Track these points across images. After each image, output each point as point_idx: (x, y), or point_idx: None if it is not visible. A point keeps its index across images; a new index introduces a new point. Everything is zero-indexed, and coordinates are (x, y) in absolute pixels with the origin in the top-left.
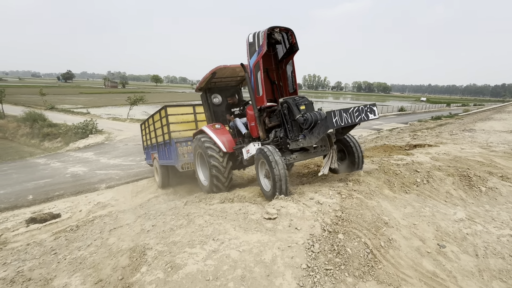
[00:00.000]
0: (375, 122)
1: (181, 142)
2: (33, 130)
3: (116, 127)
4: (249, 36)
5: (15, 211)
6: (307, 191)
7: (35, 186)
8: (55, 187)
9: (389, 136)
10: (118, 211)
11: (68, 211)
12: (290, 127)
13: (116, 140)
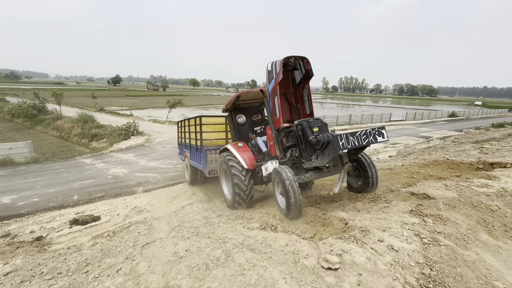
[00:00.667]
0: (422, 129)
1: (210, 150)
2: (83, 131)
3: (155, 129)
4: (268, 65)
5: (61, 210)
6: (370, 226)
7: (81, 186)
8: (97, 188)
9: (446, 147)
10: (153, 217)
11: (107, 214)
12: (304, 148)
13: (155, 142)
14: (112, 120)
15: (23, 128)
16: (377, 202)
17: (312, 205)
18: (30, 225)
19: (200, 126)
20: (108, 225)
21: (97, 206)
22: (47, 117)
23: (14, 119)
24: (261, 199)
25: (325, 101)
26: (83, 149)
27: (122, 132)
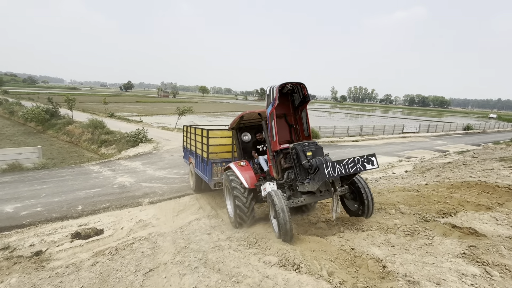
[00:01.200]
0: (437, 142)
1: (216, 163)
2: (93, 136)
3: (164, 137)
4: (267, 89)
5: (64, 222)
6: (417, 275)
7: (86, 195)
8: (102, 198)
9: (469, 165)
10: (158, 233)
11: (110, 227)
12: (299, 171)
13: (163, 150)
14: (122, 126)
15: (35, 132)
16: (414, 236)
17: (335, 233)
18: (31, 237)
19: (207, 139)
20: (111, 240)
21: (101, 218)
22: (59, 122)
23: (27, 123)
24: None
25: (333, 110)
26: (92, 155)
27: (131, 139)
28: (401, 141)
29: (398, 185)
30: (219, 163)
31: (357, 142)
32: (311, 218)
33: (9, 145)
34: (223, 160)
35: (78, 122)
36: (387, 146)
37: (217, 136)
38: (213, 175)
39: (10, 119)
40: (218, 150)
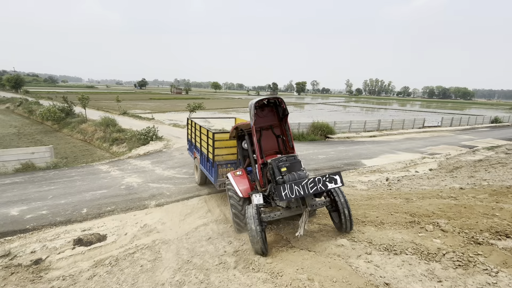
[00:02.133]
0: (462, 136)
1: (222, 164)
2: (105, 134)
3: (175, 134)
4: (250, 104)
5: (68, 226)
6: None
7: (92, 197)
8: (108, 201)
9: (507, 164)
10: (162, 241)
11: (114, 233)
12: (275, 186)
13: (173, 148)
14: (134, 124)
15: (52, 131)
16: (468, 269)
17: (361, 255)
18: (33, 243)
19: (213, 142)
20: (113, 247)
21: (105, 222)
22: (73, 120)
23: (44, 121)
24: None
25: (348, 104)
26: (103, 153)
27: (142, 137)
28: (422, 136)
29: (426, 188)
30: (224, 165)
31: (375, 138)
32: (329, 229)
33: (27, 143)
34: (228, 162)
35: (91, 120)
36: (408, 141)
37: (223, 139)
38: (219, 176)
39: (29, 118)
40: (224, 152)
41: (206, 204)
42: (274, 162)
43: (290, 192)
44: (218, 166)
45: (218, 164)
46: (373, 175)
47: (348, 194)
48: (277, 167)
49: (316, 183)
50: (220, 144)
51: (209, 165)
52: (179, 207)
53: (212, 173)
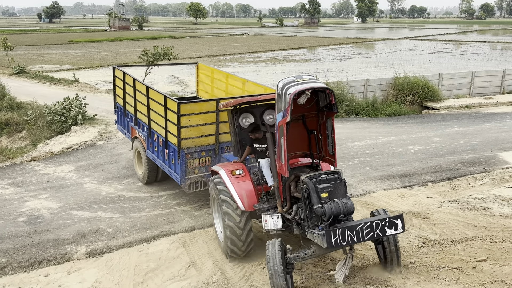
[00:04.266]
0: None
1: (192, 153)
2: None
3: None
4: (278, 85)
5: None
6: None
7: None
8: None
9: None
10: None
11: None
12: (309, 214)
13: (118, 139)
14: (40, 93)
15: None
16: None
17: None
18: None
19: (179, 118)
20: None
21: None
22: None
23: None
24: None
25: (465, 39)
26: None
27: (56, 117)
28: None
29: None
30: (196, 153)
31: None
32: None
33: None
34: (201, 149)
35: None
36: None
37: (194, 112)
38: (188, 171)
39: None
40: (195, 133)
41: (185, 250)
42: (311, 182)
43: (342, 239)
44: (186, 155)
45: (187, 153)
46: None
47: (475, 224)
48: (315, 190)
49: (374, 228)
50: (189, 121)
51: (169, 153)
52: (133, 257)
53: (177, 167)
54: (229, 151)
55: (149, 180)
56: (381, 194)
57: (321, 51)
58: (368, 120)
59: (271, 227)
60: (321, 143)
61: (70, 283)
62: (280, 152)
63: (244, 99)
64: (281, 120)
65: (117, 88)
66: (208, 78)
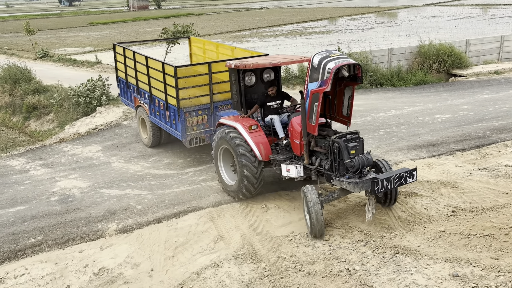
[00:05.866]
0: None
1: (190, 112)
2: (13, 100)
3: None
4: (313, 58)
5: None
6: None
7: (0, 221)
8: (29, 226)
9: None
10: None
11: (45, 287)
12: (337, 166)
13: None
14: (64, 75)
15: None
16: None
17: None
18: None
19: (176, 81)
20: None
21: (27, 268)
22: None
23: None
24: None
25: (494, 1)
26: (13, 136)
27: (81, 99)
28: None
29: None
30: (193, 112)
31: None
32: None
33: None
34: (198, 108)
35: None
36: None
37: (189, 75)
38: (188, 128)
39: None
40: (192, 94)
41: (213, 225)
42: (341, 141)
43: (381, 187)
44: (185, 114)
45: (186, 112)
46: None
47: (506, 191)
48: (346, 148)
49: (400, 178)
50: (186, 83)
51: (169, 114)
52: (163, 232)
53: (177, 126)
54: (223, 109)
55: (154, 143)
56: (408, 164)
57: (343, 22)
58: (393, 90)
59: (294, 175)
60: (335, 106)
61: (104, 258)
62: (311, 115)
63: (263, 64)
64: (317, 89)
65: (118, 63)
66: (200, 49)
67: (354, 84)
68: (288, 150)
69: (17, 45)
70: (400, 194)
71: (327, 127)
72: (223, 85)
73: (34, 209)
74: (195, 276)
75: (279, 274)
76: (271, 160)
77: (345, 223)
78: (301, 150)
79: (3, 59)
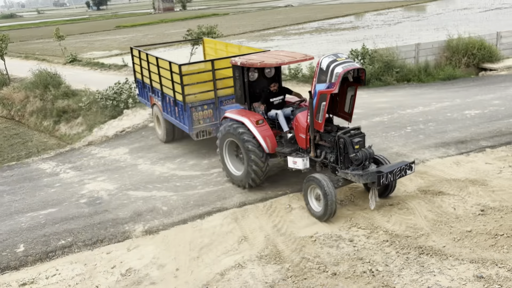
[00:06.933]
0: None
1: (196, 107)
2: (44, 104)
3: None
4: (322, 61)
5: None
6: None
7: (31, 223)
8: (60, 228)
9: None
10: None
11: (75, 287)
12: (342, 159)
13: None
14: (92, 79)
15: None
16: None
17: None
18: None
19: (181, 77)
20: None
21: (58, 268)
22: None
23: None
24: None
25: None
26: (44, 139)
27: (108, 102)
28: None
29: None
30: (199, 107)
31: None
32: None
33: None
34: (203, 103)
35: (17, 79)
36: None
37: (194, 72)
38: (194, 122)
39: None
40: (197, 90)
41: (237, 225)
42: (347, 138)
43: (385, 179)
44: (191, 109)
45: (192, 107)
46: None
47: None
48: (350, 143)
49: (401, 170)
50: (190, 80)
51: (178, 110)
52: (188, 233)
53: (185, 120)
54: (228, 103)
55: (168, 138)
56: (436, 162)
57: (369, 17)
58: (420, 86)
59: (301, 167)
60: (337, 103)
61: (131, 259)
62: (318, 113)
63: (270, 63)
64: (325, 90)
65: (136, 65)
66: (212, 49)
67: (357, 85)
68: (293, 143)
69: (48, 50)
70: (427, 193)
71: (330, 123)
72: (226, 81)
73: (64, 211)
74: (219, 277)
75: (302, 275)
76: (276, 152)
77: (370, 223)
78: (306, 143)
79: (34, 64)
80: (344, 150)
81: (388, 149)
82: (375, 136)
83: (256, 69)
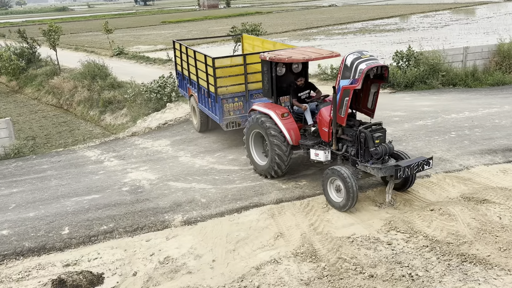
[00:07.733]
0: None
1: (227, 99)
2: (91, 94)
3: None
4: (346, 58)
5: (42, 257)
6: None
7: (76, 207)
8: (102, 214)
9: None
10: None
11: (115, 271)
12: (363, 153)
13: None
14: (138, 72)
15: (7, 92)
16: None
17: None
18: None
19: (214, 70)
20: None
21: (99, 252)
22: (39, 72)
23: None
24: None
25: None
26: (90, 128)
27: (153, 95)
28: None
29: None
30: (230, 99)
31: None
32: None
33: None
34: (234, 95)
35: (67, 69)
36: None
37: (226, 66)
38: (225, 113)
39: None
40: (228, 82)
41: (274, 222)
42: (368, 132)
43: (403, 173)
44: (222, 100)
45: (223, 98)
46: None
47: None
48: (371, 138)
49: (419, 165)
50: (223, 73)
51: (211, 101)
52: (225, 226)
53: (216, 111)
54: (258, 97)
55: (202, 128)
56: (481, 169)
57: (415, 19)
58: (467, 91)
59: (323, 159)
60: (360, 99)
61: (169, 248)
62: (341, 108)
63: (297, 59)
64: (348, 86)
65: (177, 58)
66: (250, 45)
67: (381, 82)
68: (316, 136)
69: (96, 43)
70: (471, 200)
71: (353, 117)
72: (257, 75)
73: (107, 198)
74: (255, 271)
75: (338, 275)
76: (300, 145)
77: (410, 227)
78: (329, 137)
79: (83, 56)
80: (365, 144)
81: (431, 153)
82: (418, 140)
83: (284, 64)
